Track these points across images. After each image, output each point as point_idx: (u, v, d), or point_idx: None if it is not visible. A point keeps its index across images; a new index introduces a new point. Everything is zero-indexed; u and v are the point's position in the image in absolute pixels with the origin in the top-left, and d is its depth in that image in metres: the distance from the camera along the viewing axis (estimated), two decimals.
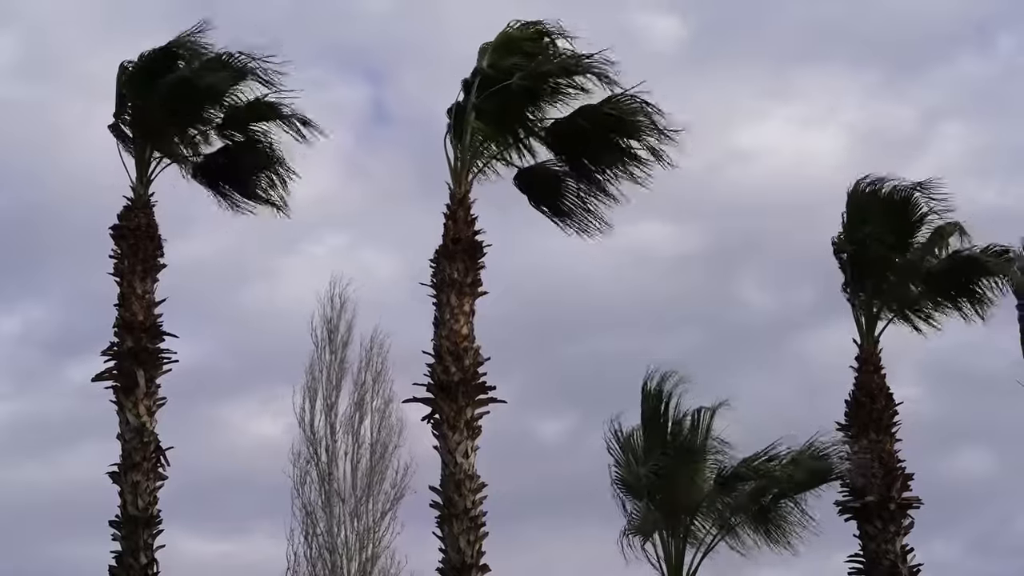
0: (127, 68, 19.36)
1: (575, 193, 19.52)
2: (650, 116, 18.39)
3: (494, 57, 18.67)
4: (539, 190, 19.62)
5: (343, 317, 30.34)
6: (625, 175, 19.06)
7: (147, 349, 18.54)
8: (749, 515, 18.75)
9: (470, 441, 17.52)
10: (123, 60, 19.43)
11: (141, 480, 18.06)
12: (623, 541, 18.36)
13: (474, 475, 17.43)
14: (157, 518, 18.05)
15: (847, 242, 20.67)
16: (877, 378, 20.30)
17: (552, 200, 19.62)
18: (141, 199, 19.14)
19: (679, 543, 18.40)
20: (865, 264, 20.51)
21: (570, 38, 18.77)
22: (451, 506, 17.28)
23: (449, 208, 18.37)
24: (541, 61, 18.72)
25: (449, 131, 18.74)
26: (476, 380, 17.70)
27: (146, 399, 18.40)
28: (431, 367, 17.85)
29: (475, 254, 18.17)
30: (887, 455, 19.93)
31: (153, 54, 19.21)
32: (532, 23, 18.85)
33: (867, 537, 19.69)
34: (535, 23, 18.84)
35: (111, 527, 18.08)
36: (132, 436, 18.22)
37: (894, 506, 19.66)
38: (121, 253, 18.91)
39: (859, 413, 20.12)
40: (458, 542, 17.15)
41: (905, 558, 19.59)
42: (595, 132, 18.77)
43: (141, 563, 17.81)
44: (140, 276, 18.81)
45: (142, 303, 18.68)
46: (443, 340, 17.79)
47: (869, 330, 20.53)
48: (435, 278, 18.12)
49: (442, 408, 17.61)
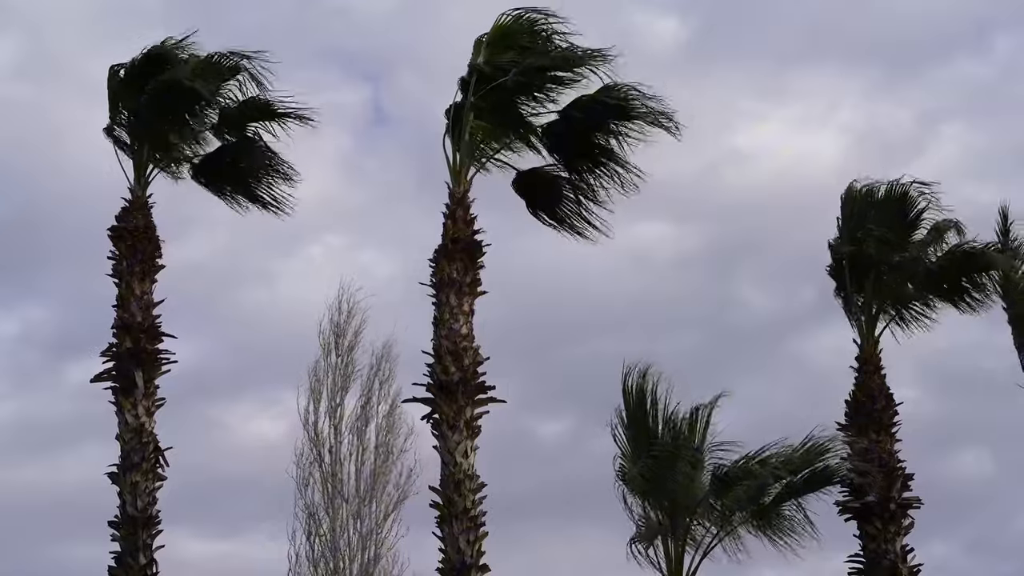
0: (117, 72, 19.35)
1: (573, 198, 19.50)
2: (646, 100, 18.34)
3: (489, 53, 18.60)
4: (537, 195, 19.61)
5: (351, 322, 30.62)
6: (623, 169, 19.03)
7: (146, 350, 18.54)
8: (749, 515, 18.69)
9: (470, 441, 17.49)
10: (112, 63, 19.42)
11: (140, 480, 18.04)
12: (632, 548, 18.34)
13: (474, 475, 17.40)
14: (156, 518, 18.03)
15: (844, 243, 20.64)
16: (877, 378, 20.27)
17: (550, 206, 19.61)
18: (139, 200, 19.13)
19: (678, 543, 18.35)
20: (863, 264, 20.47)
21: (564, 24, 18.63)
22: (451, 506, 17.24)
23: (448, 208, 18.35)
24: (537, 55, 18.64)
25: (448, 130, 18.72)
26: (476, 380, 17.67)
27: (145, 400, 18.40)
28: (430, 367, 17.82)
29: (474, 254, 18.14)
30: (887, 455, 19.90)
31: (144, 56, 19.17)
32: (525, 13, 18.69)
33: (867, 537, 19.65)
34: (528, 12, 18.68)
35: (110, 527, 18.07)
36: (131, 437, 18.20)
37: (894, 506, 19.62)
38: (119, 254, 18.91)
39: (859, 413, 20.08)
40: (458, 542, 17.11)
41: (905, 558, 19.56)
42: (591, 123, 18.71)
43: (140, 563, 17.80)
44: (138, 277, 18.80)
45: (140, 304, 18.67)
46: (442, 340, 17.76)
47: (869, 330, 20.50)
48: (434, 278, 18.09)
49: (442, 408, 17.58)
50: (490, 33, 18.77)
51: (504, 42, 18.72)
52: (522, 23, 18.79)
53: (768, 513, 18.70)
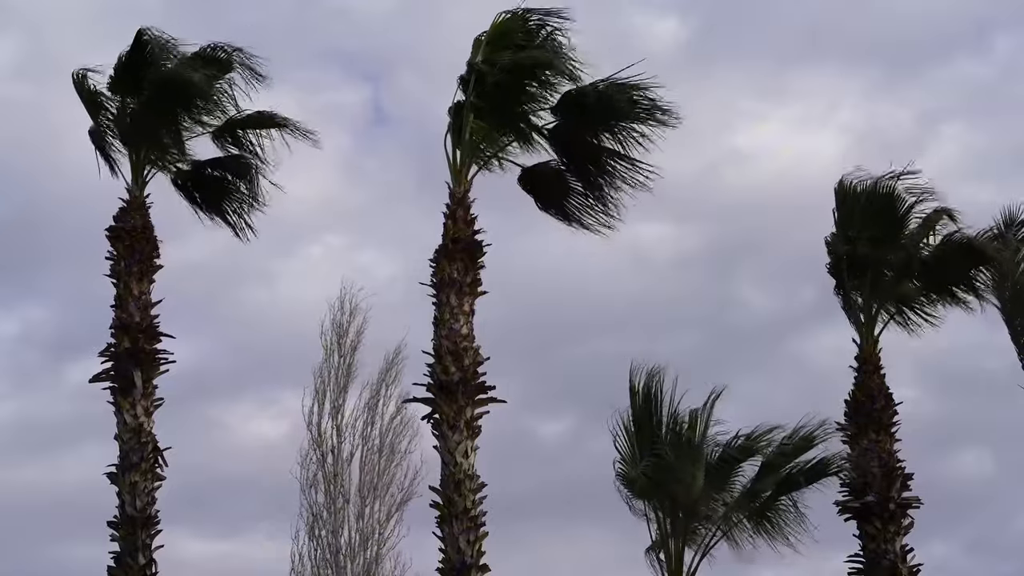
0: (84, 77, 19.29)
1: (581, 192, 19.44)
2: (642, 93, 18.30)
3: (487, 52, 18.57)
4: (543, 190, 19.56)
5: (353, 323, 30.66)
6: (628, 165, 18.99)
7: (144, 350, 18.53)
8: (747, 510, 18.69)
9: (470, 441, 17.48)
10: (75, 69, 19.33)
11: (139, 480, 18.04)
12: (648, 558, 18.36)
13: (474, 475, 17.40)
14: (155, 518, 18.03)
15: (840, 241, 20.59)
16: (876, 378, 20.23)
17: (557, 200, 19.55)
18: (136, 200, 19.11)
19: (679, 543, 18.34)
20: (860, 262, 20.43)
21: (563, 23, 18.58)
22: (451, 506, 17.23)
23: (449, 207, 18.33)
24: (533, 53, 18.55)
25: (449, 130, 18.70)
26: (476, 380, 17.67)
27: (143, 400, 18.39)
28: (431, 367, 17.81)
29: (475, 253, 18.13)
30: (887, 455, 19.88)
31: (134, 53, 19.06)
32: (523, 12, 18.63)
33: (867, 537, 19.63)
34: (526, 11, 18.61)
35: (109, 527, 18.06)
36: (130, 436, 18.20)
37: (894, 506, 19.60)
38: (117, 254, 18.91)
39: (859, 413, 20.05)
40: (458, 542, 17.11)
41: (905, 558, 19.53)
42: (589, 120, 18.68)
43: (139, 563, 17.80)
44: (136, 277, 18.79)
45: (139, 304, 18.66)
46: (443, 340, 17.75)
47: (868, 330, 20.47)
48: (435, 278, 18.08)
49: (442, 408, 17.57)
50: (489, 32, 18.74)
51: (502, 41, 18.69)
52: (519, 21, 18.74)
53: (766, 509, 18.70)
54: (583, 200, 19.48)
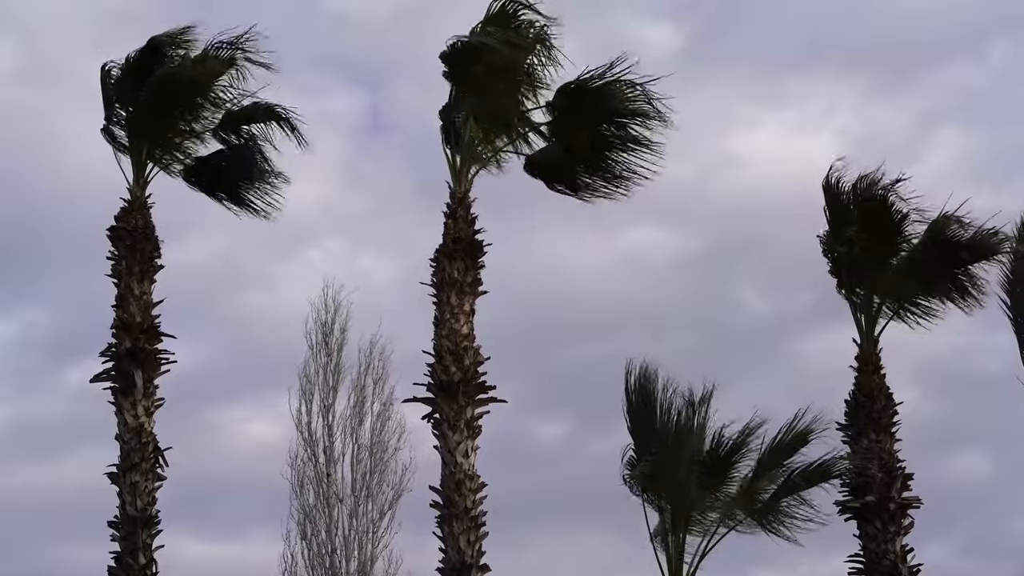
0: (109, 71, 19.32)
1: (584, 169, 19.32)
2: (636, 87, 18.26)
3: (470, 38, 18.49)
4: (549, 170, 19.42)
5: (337, 320, 30.62)
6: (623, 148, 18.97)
7: (145, 350, 18.51)
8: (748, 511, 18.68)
9: (470, 441, 17.49)
10: (105, 61, 19.40)
11: (140, 481, 18.02)
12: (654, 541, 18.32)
13: (474, 475, 17.41)
14: (156, 518, 18.01)
15: (834, 241, 20.55)
16: (876, 378, 20.22)
17: (568, 177, 19.41)
18: (138, 200, 19.10)
19: (679, 541, 18.33)
20: (857, 262, 20.42)
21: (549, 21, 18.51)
22: (451, 506, 17.25)
23: (449, 207, 18.35)
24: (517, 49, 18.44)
25: (442, 131, 18.71)
26: (476, 380, 17.68)
27: (144, 400, 18.37)
28: (431, 367, 17.83)
29: (475, 253, 18.15)
30: (887, 455, 19.89)
31: (138, 53, 19.11)
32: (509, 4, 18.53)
33: (867, 537, 19.63)
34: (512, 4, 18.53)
35: (110, 528, 18.05)
36: (130, 437, 18.18)
37: (894, 506, 19.61)
38: (118, 254, 18.88)
39: (859, 413, 20.05)
40: (458, 542, 17.12)
41: (905, 558, 19.54)
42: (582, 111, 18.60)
43: (140, 563, 17.77)
44: (137, 277, 18.77)
45: (140, 304, 18.64)
46: (443, 340, 17.76)
47: (868, 329, 20.47)
48: (435, 277, 18.10)
49: (442, 408, 17.59)
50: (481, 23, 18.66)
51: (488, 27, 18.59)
52: (502, 14, 18.55)
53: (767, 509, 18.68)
54: (590, 176, 19.35)
